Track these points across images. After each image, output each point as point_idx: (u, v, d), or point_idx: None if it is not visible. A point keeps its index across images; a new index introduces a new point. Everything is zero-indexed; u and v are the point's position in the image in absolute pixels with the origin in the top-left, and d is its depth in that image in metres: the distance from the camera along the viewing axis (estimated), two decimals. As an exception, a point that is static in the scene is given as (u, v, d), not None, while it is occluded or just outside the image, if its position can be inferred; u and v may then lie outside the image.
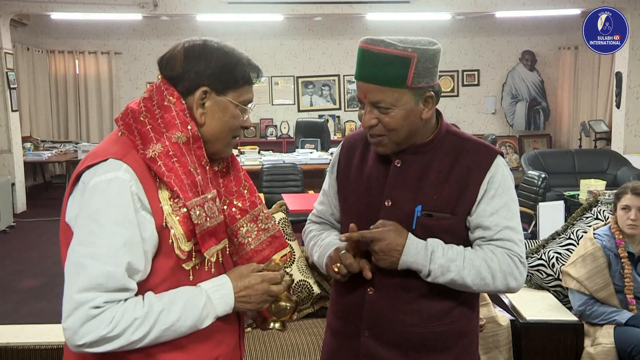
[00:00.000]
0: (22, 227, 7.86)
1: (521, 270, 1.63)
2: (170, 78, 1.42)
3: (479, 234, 1.63)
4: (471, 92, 11.26)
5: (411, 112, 1.59)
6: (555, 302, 3.27)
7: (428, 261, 1.58)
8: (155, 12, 8.64)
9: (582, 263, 3.10)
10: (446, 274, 1.58)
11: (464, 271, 1.58)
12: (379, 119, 1.60)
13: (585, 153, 8.37)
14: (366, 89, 1.59)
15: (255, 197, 1.58)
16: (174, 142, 1.37)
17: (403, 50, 1.53)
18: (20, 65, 9.53)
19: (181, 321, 1.34)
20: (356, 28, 10.63)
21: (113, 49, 10.65)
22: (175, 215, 1.35)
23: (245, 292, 1.44)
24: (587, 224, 3.49)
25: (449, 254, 1.59)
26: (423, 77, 1.57)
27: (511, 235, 1.63)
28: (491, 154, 1.66)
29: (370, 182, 1.71)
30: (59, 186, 10.07)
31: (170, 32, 10.43)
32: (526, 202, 5.85)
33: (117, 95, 10.69)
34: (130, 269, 1.30)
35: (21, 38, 9.79)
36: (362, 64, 1.59)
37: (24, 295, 5.31)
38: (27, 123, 9.76)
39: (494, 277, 1.59)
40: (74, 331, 1.26)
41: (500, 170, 1.64)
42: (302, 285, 3.17)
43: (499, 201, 1.62)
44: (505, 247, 1.62)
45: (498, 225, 1.61)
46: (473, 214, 1.63)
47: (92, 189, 1.31)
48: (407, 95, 1.57)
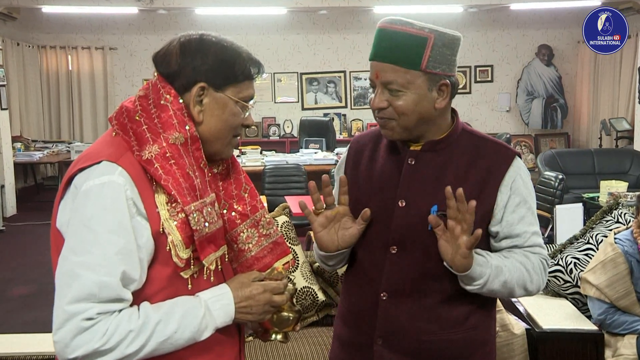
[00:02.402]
0: (12, 231, 7.89)
1: (547, 272, 1.72)
2: (167, 75, 1.42)
3: (508, 243, 1.67)
4: (484, 89, 11.24)
5: (423, 98, 1.60)
6: (573, 310, 3.25)
7: (489, 263, 1.60)
8: (152, 5, 8.67)
9: (602, 269, 3.09)
10: (500, 276, 1.60)
11: (513, 273, 1.62)
12: (390, 101, 1.60)
13: (606, 153, 8.35)
14: (379, 69, 1.60)
15: (257, 201, 1.57)
16: (172, 143, 1.37)
17: (420, 29, 1.56)
18: (10, 61, 9.55)
19: (179, 333, 1.34)
20: (363, 22, 10.63)
21: (108, 44, 10.67)
22: (172, 220, 1.34)
23: (246, 303, 1.43)
24: (608, 228, 3.48)
25: (495, 255, 1.64)
26: (439, 62, 1.58)
27: (538, 241, 1.69)
28: (510, 156, 1.68)
29: (382, 182, 1.70)
30: (50, 188, 10.10)
31: (167, 26, 10.45)
32: (543, 204, 5.84)
33: (112, 93, 10.71)
34: (125, 278, 1.29)
35: (11, 33, 9.82)
36: (377, 43, 1.60)
37: (15, 303, 5.33)
38: (17, 122, 9.78)
39: (532, 281, 1.66)
40: (65, 344, 1.25)
41: (521, 174, 1.67)
42: (306, 292, 3.17)
43: (524, 207, 1.66)
44: (536, 253, 1.68)
45: (527, 233, 1.67)
46: (497, 222, 1.65)
47: (85, 194, 1.30)
48: (421, 79, 1.58)
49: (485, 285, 1.58)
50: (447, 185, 1.60)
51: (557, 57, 11.02)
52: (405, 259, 1.65)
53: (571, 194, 6.79)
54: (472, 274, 1.56)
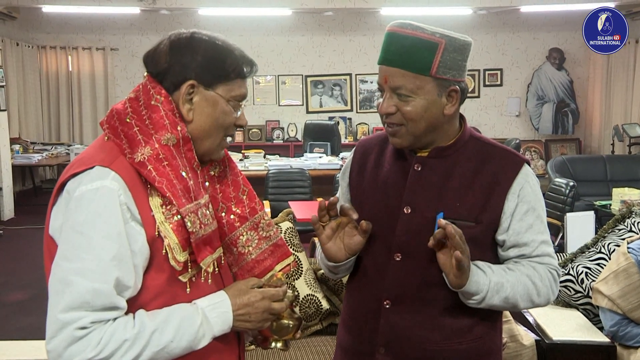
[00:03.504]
0: (9, 235, 7.90)
1: (558, 282, 1.69)
2: (156, 74, 1.42)
3: (516, 252, 1.66)
4: (493, 93, 11.23)
5: (432, 104, 1.60)
6: (585, 322, 3.23)
7: (488, 280, 1.58)
8: (154, 5, 8.70)
9: (614, 280, 3.07)
10: (500, 292, 1.59)
11: (516, 288, 1.61)
12: (398, 107, 1.60)
13: (618, 159, 8.32)
14: (388, 73, 1.60)
15: (255, 202, 1.57)
16: (164, 144, 1.36)
17: (431, 34, 1.56)
18: (9, 62, 9.59)
19: (175, 342, 1.33)
20: (369, 23, 10.64)
21: (109, 44, 10.71)
22: (168, 223, 1.34)
23: (245, 310, 1.43)
24: (620, 237, 3.46)
25: (498, 269, 1.62)
26: (450, 68, 1.58)
27: (548, 250, 1.68)
28: (518, 163, 1.67)
29: (387, 188, 1.70)
30: (49, 191, 9.98)
31: (170, 27, 10.42)
32: (553, 212, 5.82)
33: (112, 94, 10.73)
34: (119, 285, 1.29)
35: (10, 32, 9.87)
36: (387, 47, 1.60)
37: (11, 309, 5.33)
38: (15, 123, 9.82)
39: (539, 294, 1.65)
40: (58, 354, 1.25)
41: (529, 181, 1.66)
42: (309, 300, 3.15)
43: (532, 215, 1.65)
44: (544, 263, 1.66)
45: (535, 242, 1.65)
46: (504, 230, 1.64)
47: (78, 199, 1.30)
48: (430, 84, 1.58)
49: (484, 301, 1.59)
50: (452, 191, 1.61)
51: (569, 61, 11.01)
52: (410, 266, 1.64)
53: (582, 201, 6.76)
54: (468, 290, 1.56)
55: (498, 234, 1.65)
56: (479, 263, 1.60)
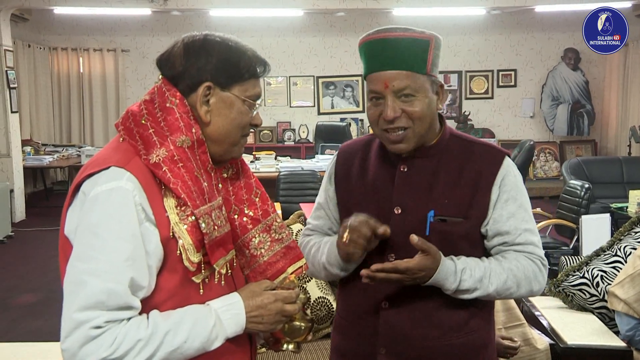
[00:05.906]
0: (20, 237, 7.96)
1: (544, 273, 1.72)
2: (171, 77, 1.44)
3: (499, 240, 1.70)
4: (507, 94, 11.19)
5: (431, 101, 1.68)
6: (600, 325, 3.22)
7: (456, 283, 1.63)
8: (165, 6, 8.73)
9: (630, 283, 3.05)
10: (472, 293, 1.65)
11: (490, 287, 1.65)
12: (403, 109, 1.64)
13: (635, 161, 8.28)
14: (389, 78, 1.64)
15: (268, 205, 1.59)
16: (179, 146, 1.39)
17: (421, 33, 1.65)
18: (21, 63, 9.67)
19: (188, 343, 1.34)
20: (382, 24, 10.47)
21: (120, 46, 10.78)
22: (182, 224, 1.36)
23: (258, 312, 1.44)
24: (637, 240, 3.44)
25: (476, 273, 1.64)
26: (435, 65, 1.67)
27: (531, 238, 1.71)
28: (499, 156, 1.73)
29: (376, 191, 1.75)
30: (60, 193, 10.18)
31: (181, 28, 10.52)
32: (568, 214, 5.79)
33: (123, 96, 10.80)
34: (134, 285, 1.31)
35: (22, 34, 9.94)
36: (380, 54, 1.65)
37: (21, 311, 5.36)
38: (27, 125, 9.90)
39: (519, 285, 1.68)
40: (72, 353, 1.26)
41: (510, 172, 1.72)
42: (321, 303, 3.16)
43: (513, 204, 1.69)
44: (526, 252, 1.69)
45: (517, 229, 1.68)
46: (488, 221, 1.68)
47: (93, 200, 1.32)
48: (427, 82, 1.66)
49: (459, 296, 1.64)
50: (440, 189, 1.67)
51: (584, 61, 10.95)
52: None
53: (598, 203, 6.73)
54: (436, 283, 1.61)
55: (482, 226, 1.69)
56: (464, 269, 1.63)
